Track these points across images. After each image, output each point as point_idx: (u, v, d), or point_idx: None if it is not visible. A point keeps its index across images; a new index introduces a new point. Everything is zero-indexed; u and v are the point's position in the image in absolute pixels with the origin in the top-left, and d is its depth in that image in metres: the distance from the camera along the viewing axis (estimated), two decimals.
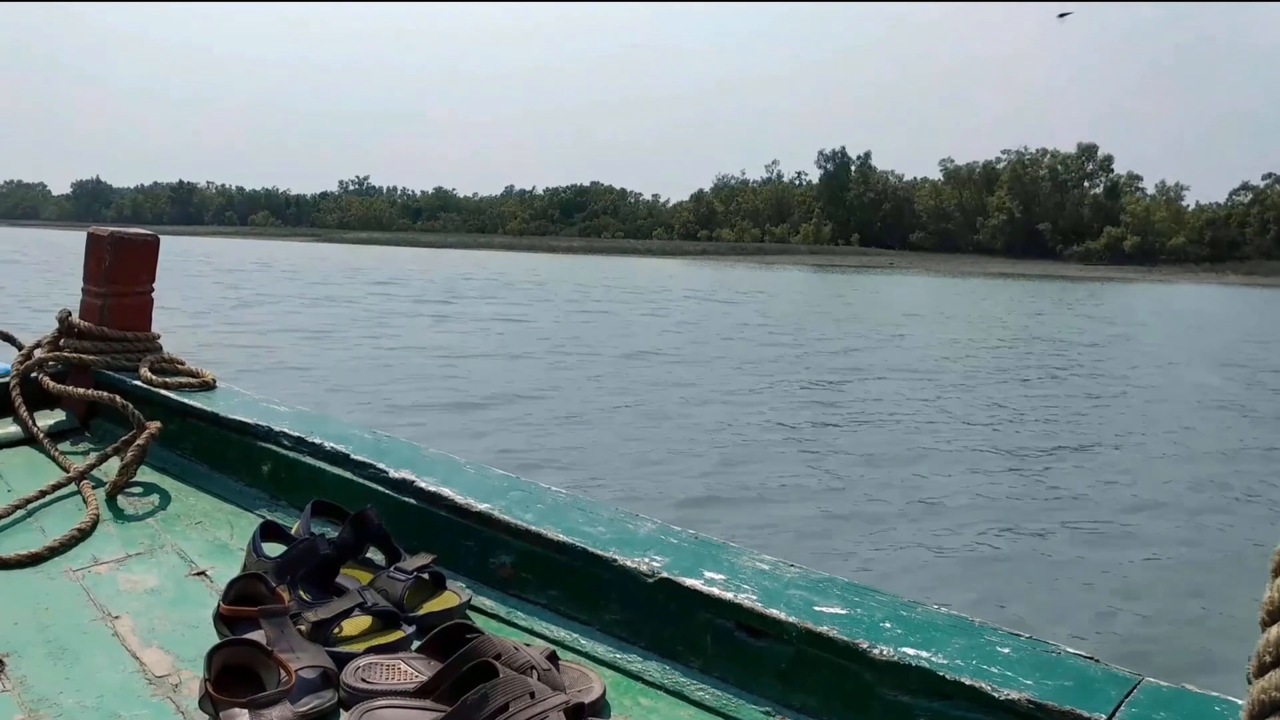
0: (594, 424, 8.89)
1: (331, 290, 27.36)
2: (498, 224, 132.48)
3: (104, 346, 1.92)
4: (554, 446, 7.76)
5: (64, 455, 1.81)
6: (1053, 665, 0.96)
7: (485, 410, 9.32)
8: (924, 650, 0.99)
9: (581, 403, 9.95)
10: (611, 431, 8.54)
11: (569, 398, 10.24)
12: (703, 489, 6.63)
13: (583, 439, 8.16)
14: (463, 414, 9.07)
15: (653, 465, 7.30)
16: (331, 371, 11.41)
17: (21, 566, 1.39)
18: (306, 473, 1.59)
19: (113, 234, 1.94)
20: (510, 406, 9.58)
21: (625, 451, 7.71)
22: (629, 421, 9.05)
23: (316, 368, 11.73)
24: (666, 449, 7.85)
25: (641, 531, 1.29)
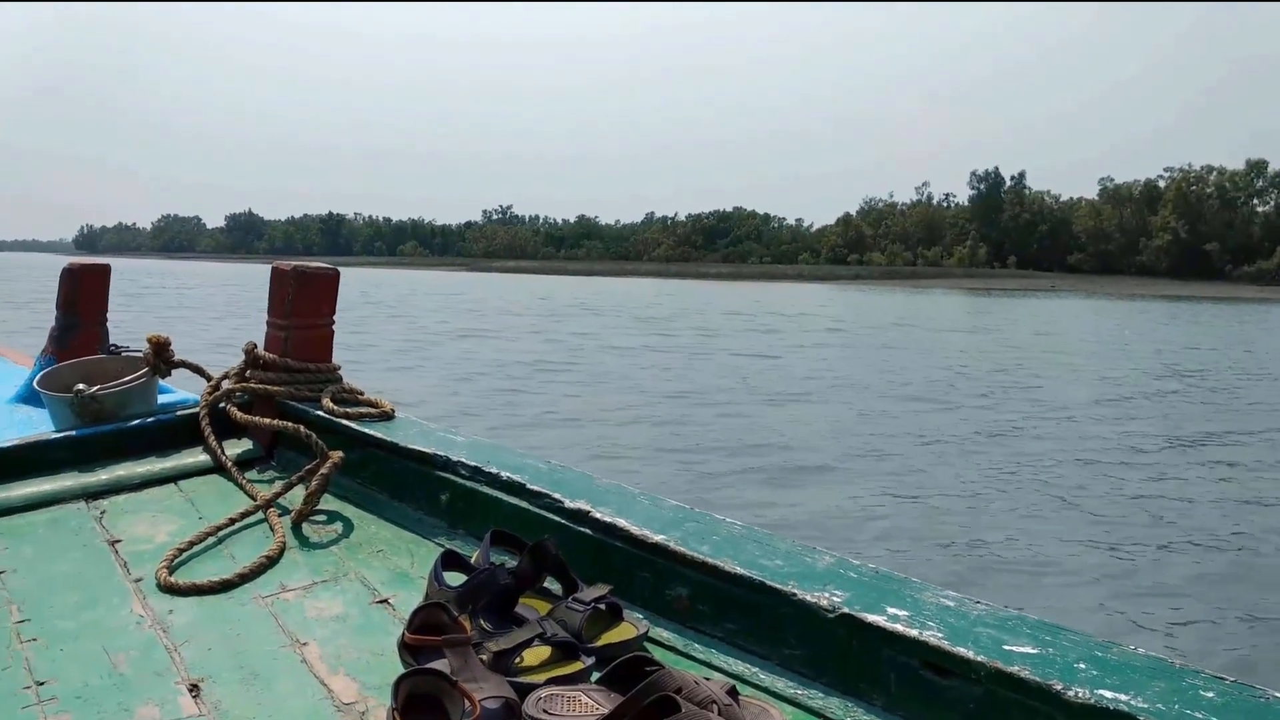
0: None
1: (561, 325, 25.88)
2: (641, 251, 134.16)
3: (287, 378, 1.99)
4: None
5: (251, 483, 1.87)
6: (1261, 712, 0.88)
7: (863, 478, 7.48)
8: (1122, 693, 0.92)
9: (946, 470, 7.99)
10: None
11: (950, 473, 8.03)
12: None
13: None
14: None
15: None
16: (636, 437, 9.25)
17: (214, 593, 1.43)
18: (484, 502, 1.60)
19: (295, 268, 2.02)
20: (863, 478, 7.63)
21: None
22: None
23: (600, 419, 10.07)
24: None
25: (820, 565, 1.25)
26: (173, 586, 1.43)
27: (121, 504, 1.79)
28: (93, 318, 2.70)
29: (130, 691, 1.15)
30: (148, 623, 1.33)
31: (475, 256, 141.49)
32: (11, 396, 2.78)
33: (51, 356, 2.65)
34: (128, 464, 1.93)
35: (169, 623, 1.34)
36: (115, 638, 1.29)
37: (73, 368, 2.18)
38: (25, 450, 1.88)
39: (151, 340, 2.08)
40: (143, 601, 1.40)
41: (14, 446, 1.87)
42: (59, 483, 1.83)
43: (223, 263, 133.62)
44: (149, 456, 1.97)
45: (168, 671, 1.20)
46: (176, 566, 1.50)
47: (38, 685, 1.17)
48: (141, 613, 1.36)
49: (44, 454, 1.89)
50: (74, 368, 2.18)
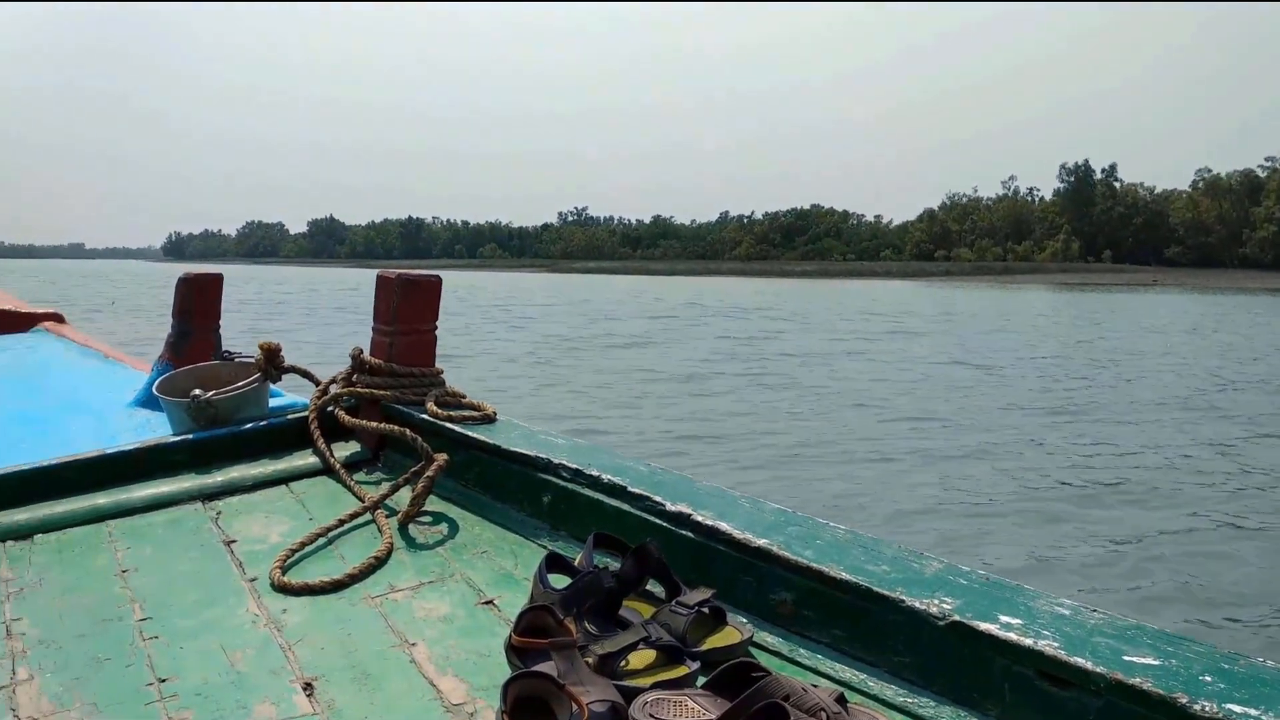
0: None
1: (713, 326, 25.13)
2: (718, 250, 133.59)
3: (392, 382, 2.04)
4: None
5: (359, 485, 1.92)
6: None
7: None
8: (1251, 708, 0.88)
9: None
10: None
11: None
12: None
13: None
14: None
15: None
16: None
17: (325, 593, 1.47)
18: (585, 504, 1.61)
19: (400, 276, 2.06)
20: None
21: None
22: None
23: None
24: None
25: (928, 571, 1.23)
26: (286, 586, 1.48)
27: (236, 505, 1.86)
28: (206, 325, 2.81)
29: (247, 689, 1.19)
30: (263, 621, 1.38)
31: (554, 258, 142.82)
32: (131, 401, 2.90)
33: (168, 363, 2.77)
34: (241, 466, 2.00)
35: (283, 622, 1.38)
36: (232, 636, 1.33)
37: (188, 373, 2.28)
38: (145, 453, 1.96)
39: (263, 347, 2.16)
40: (258, 601, 1.45)
41: (135, 449, 1.96)
42: (177, 484, 1.90)
43: (305, 267, 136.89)
44: (261, 459, 2.04)
45: (283, 670, 1.24)
46: (289, 566, 1.55)
47: (160, 682, 1.21)
48: (257, 612, 1.41)
49: (163, 456, 1.98)
50: (190, 373, 2.27)
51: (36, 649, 1.30)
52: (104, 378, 3.50)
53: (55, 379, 3.58)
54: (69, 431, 2.66)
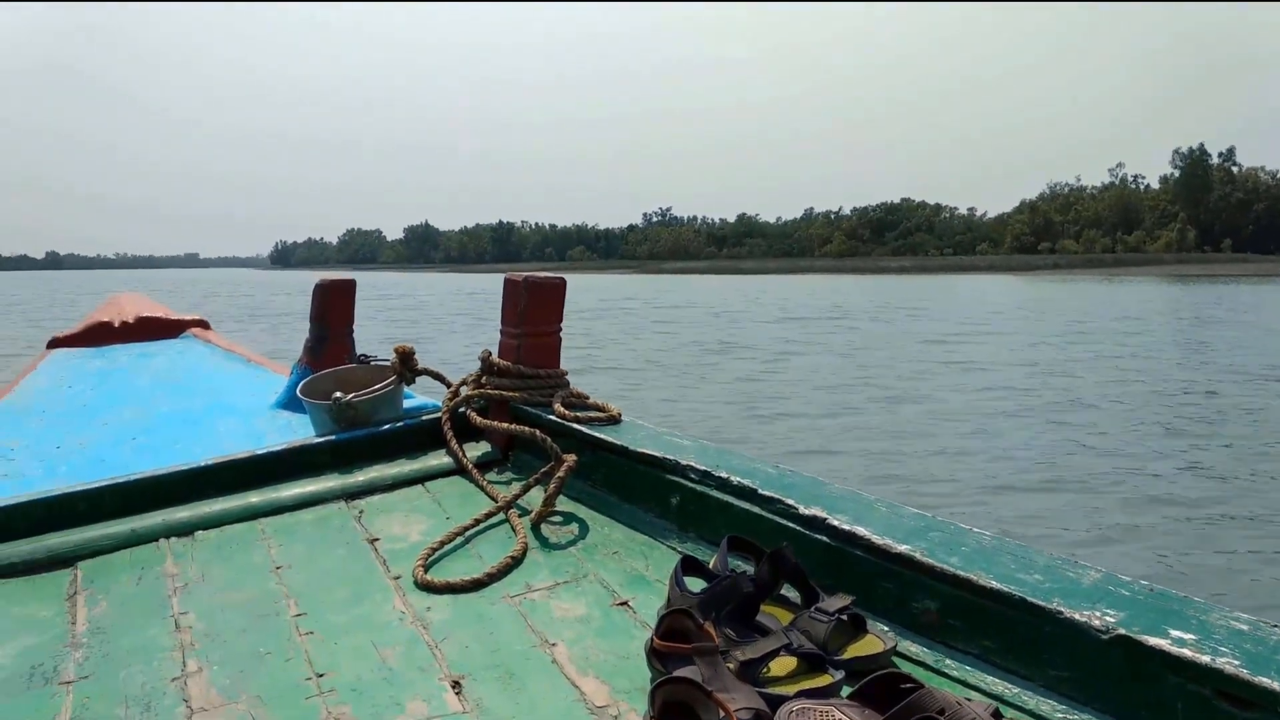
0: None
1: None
2: (805, 247, 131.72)
3: (521, 384, 2.08)
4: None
5: (491, 484, 1.96)
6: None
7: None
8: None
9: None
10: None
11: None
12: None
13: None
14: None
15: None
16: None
17: (466, 591, 1.50)
18: (714, 506, 1.61)
19: (527, 279, 2.10)
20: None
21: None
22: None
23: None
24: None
25: (1085, 581, 1.18)
26: (429, 584, 1.51)
27: (376, 504, 1.92)
28: (341, 329, 2.90)
29: (399, 686, 1.22)
30: (409, 619, 1.41)
31: (641, 259, 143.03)
32: (273, 403, 3.04)
33: (307, 366, 2.88)
34: (380, 466, 2.06)
35: (428, 619, 1.41)
36: (382, 633, 1.37)
37: (328, 377, 2.36)
38: (292, 454, 2.05)
39: (398, 350, 2.23)
40: (403, 598, 1.49)
41: (283, 450, 2.04)
42: (322, 483, 1.97)
43: (403, 272, 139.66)
44: (399, 459, 2.10)
45: (431, 668, 1.26)
46: (430, 565, 1.59)
47: (318, 677, 1.25)
48: (403, 609, 1.45)
49: (308, 457, 2.06)
50: (329, 377, 2.36)
51: (203, 642, 1.36)
52: (247, 381, 3.66)
53: (203, 382, 3.74)
54: (218, 432, 2.79)
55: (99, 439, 2.82)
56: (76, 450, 2.70)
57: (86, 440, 2.81)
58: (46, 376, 4.05)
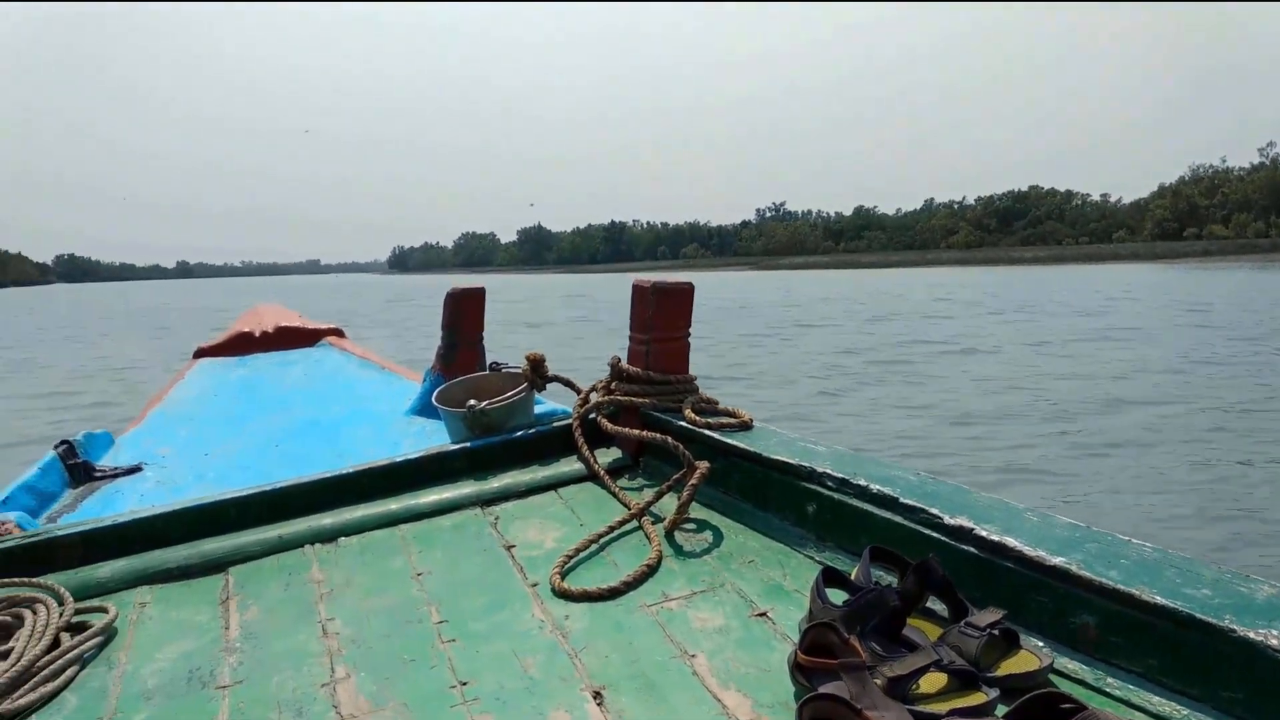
0: None
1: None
2: (928, 239, 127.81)
3: (650, 389, 2.08)
4: None
5: (623, 491, 1.96)
6: None
7: None
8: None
9: None
10: None
11: None
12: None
13: None
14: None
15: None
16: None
17: (603, 600, 1.50)
18: (852, 514, 1.57)
19: (655, 285, 2.10)
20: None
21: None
22: None
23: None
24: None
25: (1259, 596, 1.10)
26: (566, 592, 1.52)
27: (511, 510, 1.94)
28: (471, 337, 2.97)
29: (541, 695, 1.22)
30: (548, 627, 1.41)
31: (756, 255, 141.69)
32: (408, 409, 3.13)
33: (439, 374, 2.96)
34: (514, 472, 2.09)
35: (567, 628, 1.41)
36: (522, 641, 1.38)
37: (462, 384, 2.42)
38: (430, 461, 2.09)
39: (529, 357, 2.27)
40: (541, 606, 1.49)
41: (421, 458, 2.09)
42: (458, 490, 2.01)
43: (517, 275, 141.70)
44: (531, 465, 2.12)
45: (572, 678, 1.26)
46: (567, 572, 1.59)
47: (461, 685, 1.26)
48: (542, 617, 1.45)
49: (445, 464, 2.10)
50: (463, 384, 2.41)
51: (350, 648, 1.40)
52: (381, 388, 3.79)
53: (340, 389, 3.90)
54: (356, 438, 2.90)
55: (244, 446, 2.96)
56: (223, 456, 2.84)
57: (233, 447, 2.96)
58: (194, 385, 4.29)
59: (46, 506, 2.42)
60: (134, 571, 1.74)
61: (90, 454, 2.81)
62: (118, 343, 22.80)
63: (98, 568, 1.76)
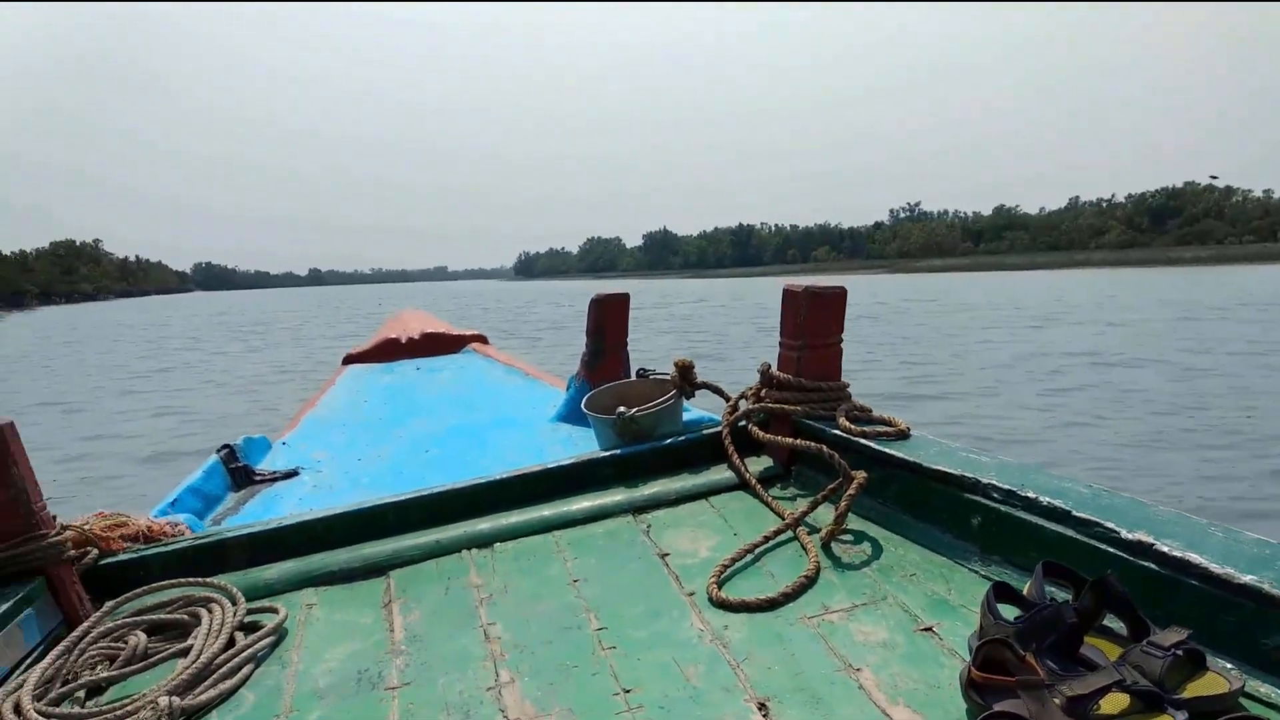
0: None
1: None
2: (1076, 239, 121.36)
3: (801, 396, 2.05)
4: None
5: (775, 500, 1.94)
6: None
7: None
8: None
9: None
10: None
11: None
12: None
13: None
14: None
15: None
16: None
17: (762, 610, 1.48)
18: (1020, 527, 1.51)
19: (807, 290, 2.06)
20: None
21: None
22: None
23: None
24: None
25: None
26: (724, 602, 1.51)
27: (663, 518, 1.94)
28: (616, 343, 3.01)
29: (705, 705, 1.22)
30: (708, 637, 1.41)
31: (890, 257, 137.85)
32: (552, 416, 3.19)
33: (585, 380, 3.01)
34: (664, 480, 2.09)
35: (726, 638, 1.40)
36: (682, 650, 1.37)
37: (610, 391, 2.44)
38: (581, 468, 2.11)
39: (678, 364, 2.28)
40: (699, 615, 1.49)
41: (571, 464, 2.11)
42: (609, 497, 2.02)
43: (643, 279, 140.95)
44: (681, 473, 2.12)
45: (735, 688, 1.25)
46: (723, 582, 1.58)
47: (625, 693, 1.27)
48: (701, 627, 1.45)
49: (595, 471, 2.12)
50: (611, 391, 2.44)
51: (513, 653, 1.42)
52: (526, 394, 3.88)
53: (486, 396, 4.01)
54: (503, 444, 2.96)
55: (395, 451, 3.06)
56: (376, 461, 2.95)
57: (384, 452, 3.07)
58: (344, 390, 4.48)
59: (211, 509, 2.55)
60: (299, 573, 1.80)
61: (250, 458, 2.96)
62: (267, 347, 23.87)
63: (265, 569, 1.83)
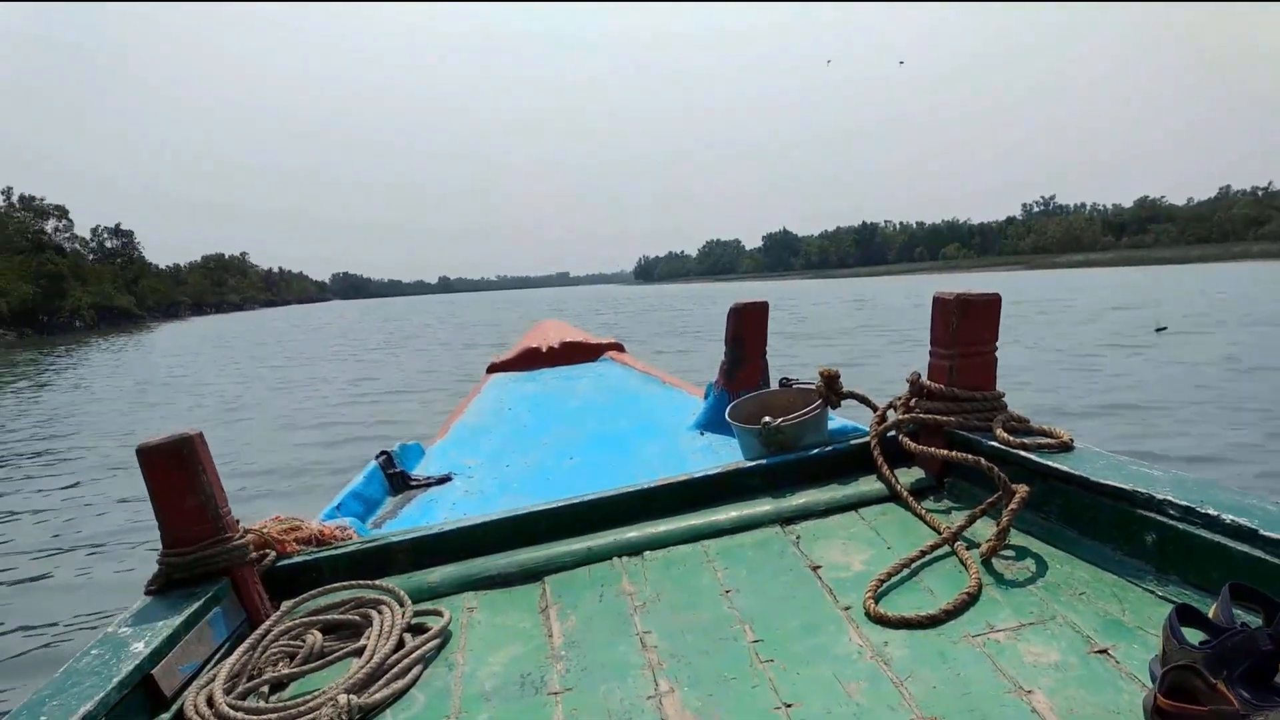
0: None
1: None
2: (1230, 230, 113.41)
3: (954, 406, 1.99)
4: None
5: (929, 513, 1.89)
6: None
7: None
8: None
9: None
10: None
11: None
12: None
13: None
14: None
15: None
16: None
17: (922, 627, 1.44)
18: (1201, 547, 1.43)
19: (959, 297, 2.01)
20: None
21: None
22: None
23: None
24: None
25: None
26: (882, 618, 1.47)
27: (812, 529, 1.92)
28: (755, 351, 2.99)
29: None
30: (867, 653, 1.38)
31: (1025, 253, 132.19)
32: (692, 424, 3.20)
33: (724, 388, 3.02)
34: (811, 491, 2.06)
35: (887, 655, 1.37)
36: (842, 665, 1.35)
37: (753, 400, 2.44)
38: (727, 477, 2.11)
39: (823, 373, 2.25)
40: (857, 630, 1.46)
41: (719, 474, 2.11)
42: (756, 507, 2.01)
43: (762, 281, 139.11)
44: (829, 484, 2.09)
45: (900, 706, 1.22)
46: (880, 597, 1.55)
47: (785, 707, 1.25)
48: (860, 642, 1.42)
49: (742, 480, 2.11)
50: (754, 400, 2.43)
51: (670, 662, 1.42)
52: (665, 401, 3.91)
53: (625, 403, 4.06)
54: (644, 452, 2.99)
55: (541, 458, 3.13)
56: (523, 468, 3.02)
57: (530, 459, 3.14)
58: (489, 398, 4.62)
59: (372, 512, 2.66)
60: (460, 577, 1.86)
61: (405, 464, 3.08)
62: (411, 354, 24.75)
63: (428, 573, 1.89)
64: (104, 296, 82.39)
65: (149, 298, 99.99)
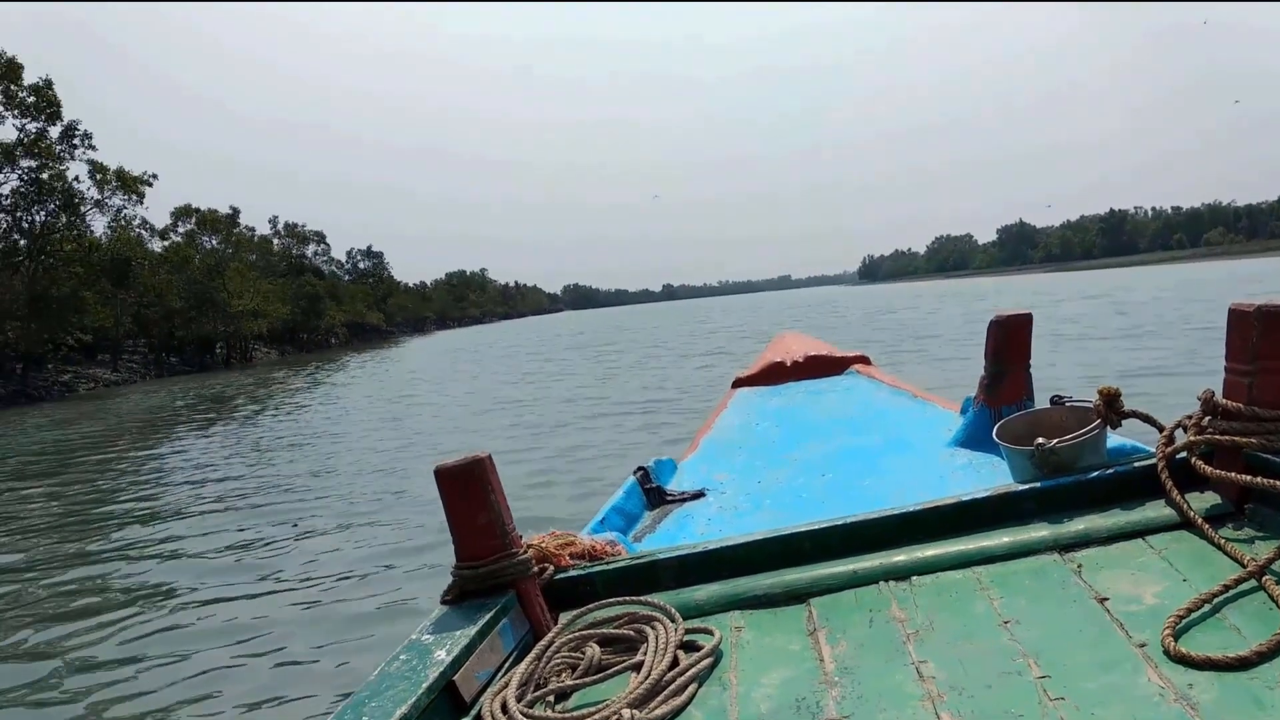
0: None
1: None
2: None
3: (1255, 427, 1.83)
4: None
5: (1228, 543, 1.73)
6: None
7: None
8: None
9: None
10: None
11: None
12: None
13: None
14: None
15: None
16: None
17: (1231, 670, 1.32)
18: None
19: (1259, 308, 1.85)
20: None
21: None
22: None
23: None
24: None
25: None
26: (1185, 658, 1.36)
27: (1094, 558, 1.79)
28: (1018, 365, 2.87)
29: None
30: (1170, 696, 1.29)
31: None
32: (949, 441, 3.09)
33: (984, 404, 2.91)
34: (1090, 516, 1.93)
35: (1194, 699, 1.27)
36: (1142, 708, 1.26)
37: (1023, 418, 2.33)
38: (999, 501, 2.01)
39: (1102, 392, 2.11)
40: (1156, 670, 1.36)
41: (989, 497, 2.01)
42: (1030, 533, 1.90)
43: (997, 277, 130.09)
44: (1111, 509, 1.95)
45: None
46: (1179, 634, 1.43)
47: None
48: (1160, 683, 1.32)
49: (1014, 505, 2.00)
50: (1024, 419, 2.32)
51: (950, 694, 1.37)
52: (917, 417, 3.78)
53: (876, 418, 3.97)
54: (898, 470, 2.93)
55: (791, 475, 3.12)
56: (774, 485, 3.02)
57: (781, 475, 3.14)
58: (736, 414, 4.65)
59: (631, 527, 2.73)
60: (726, 596, 1.87)
61: (661, 479, 3.15)
62: (661, 368, 24.56)
63: (695, 590, 1.91)
64: (356, 314, 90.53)
65: (397, 315, 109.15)
